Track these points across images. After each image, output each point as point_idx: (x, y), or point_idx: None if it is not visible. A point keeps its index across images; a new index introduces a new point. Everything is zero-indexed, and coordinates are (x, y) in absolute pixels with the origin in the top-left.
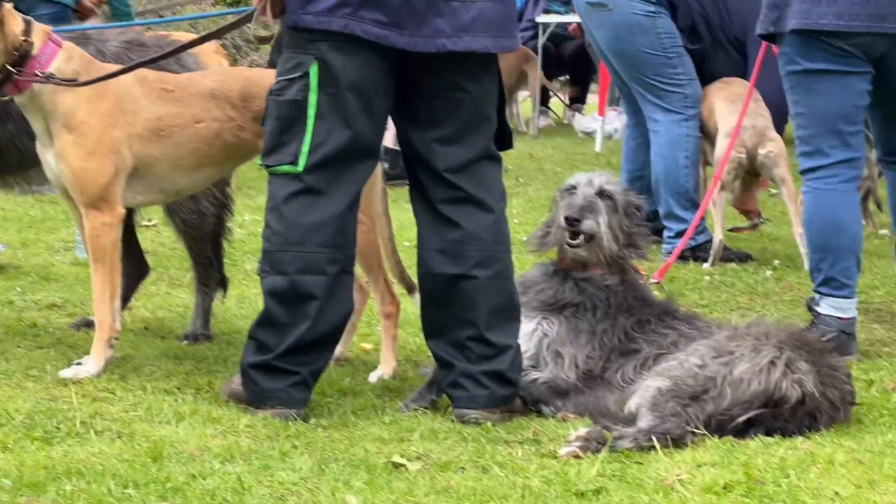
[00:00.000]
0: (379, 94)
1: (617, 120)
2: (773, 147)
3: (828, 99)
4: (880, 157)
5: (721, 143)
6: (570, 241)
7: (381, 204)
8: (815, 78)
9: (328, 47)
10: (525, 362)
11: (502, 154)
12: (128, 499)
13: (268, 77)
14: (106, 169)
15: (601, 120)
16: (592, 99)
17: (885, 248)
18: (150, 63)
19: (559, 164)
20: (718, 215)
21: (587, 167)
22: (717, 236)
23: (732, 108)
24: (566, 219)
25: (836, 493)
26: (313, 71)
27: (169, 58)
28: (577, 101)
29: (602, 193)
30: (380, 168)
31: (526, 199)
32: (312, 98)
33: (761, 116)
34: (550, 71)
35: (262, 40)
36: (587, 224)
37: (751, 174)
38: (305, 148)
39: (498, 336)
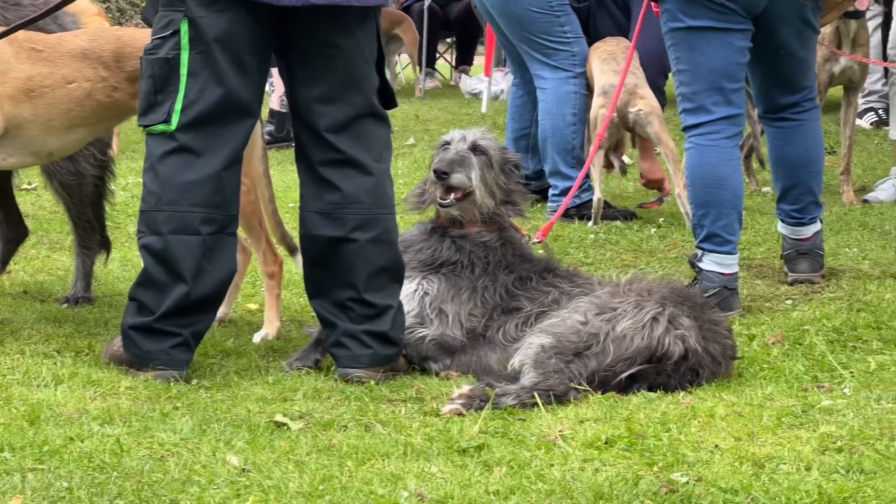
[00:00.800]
0: (250, 52)
1: (503, 81)
2: (643, 105)
3: (709, 56)
4: (761, 115)
5: (594, 102)
6: (442, 201)
7: (262, 164)
8: (697, 35)
9: (196, 4)
10: (410, 321)
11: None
12: (3, 462)
13: (141, 37)
14: None
15: (487, 81)
16: (479, 60)
17: (767, 204)
18: (31, 23)
19: (445, 125)
20: (597, 174)
21: (473, 127)
22: (597, 195)
23: (604, 66)
24: (435, 172)
25: (716, 445)
26: (184, 28)
27: (47, 16)
28: (464, 62)
29: (476, 149)
30: (259, 128)
31: (412, 160)
32: (184, 56)
33: (632, 74)
34: (436, 32)
35: None
36: (457, 178)
37: (632, 133)
38: (178, 106)
39: (377, 297)
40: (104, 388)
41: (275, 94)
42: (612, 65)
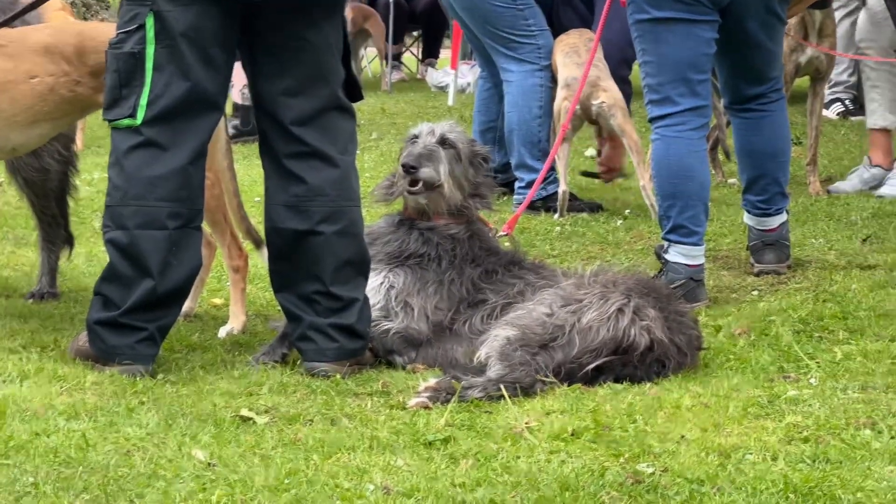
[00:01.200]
0: (216, 46)
1: (469, 74)
2: (605, 97)
3: (675, 47)
4: (727, 105)
5: (557, 95)
6: (410, 189)
7: (226, 158)
8: (662, 26)
9: None
10: (376, 314)
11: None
12: None
13: (103, 31)
14: None
15: (454, 74)
16: (445, 53)
17: (733, 196)
18: (6, 24)
19: (412, 119)
20: (562, 166)
21: (440, 121)
22: (562, 187)
23: (566, 59)
24: (403, 166)
25: (683, 436)
26: (149, 22)
27: (19, 18)
28: (430, 55)
29: (444, 142)
30: (223, 122)
31: (378, 154)
32: (150, 50)
33: (595, 67)
34: (403, 26)
35: None
36: (425, 171)
37: (597, 125)
38: (143, 101)
39: (344, 290)
40: (70, 383)
41: (234, 87)
42: (574, 58)
